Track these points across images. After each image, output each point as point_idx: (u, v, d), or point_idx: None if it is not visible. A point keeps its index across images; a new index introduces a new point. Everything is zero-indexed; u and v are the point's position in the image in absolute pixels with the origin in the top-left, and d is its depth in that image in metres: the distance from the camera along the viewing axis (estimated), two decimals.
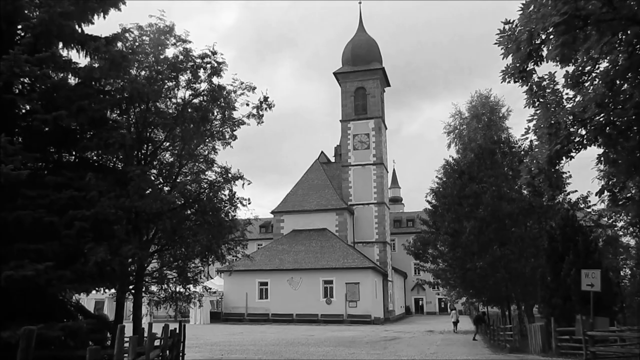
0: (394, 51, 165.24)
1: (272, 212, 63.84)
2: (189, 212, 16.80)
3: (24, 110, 11.88)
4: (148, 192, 13.78)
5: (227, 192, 16.92)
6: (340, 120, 66.47)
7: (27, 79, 11.47)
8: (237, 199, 16.96)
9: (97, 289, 13.43)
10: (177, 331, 16.76)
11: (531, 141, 10.34)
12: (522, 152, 29.18)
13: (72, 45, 12.58)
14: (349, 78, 66.98)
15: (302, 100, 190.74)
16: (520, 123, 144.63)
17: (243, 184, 17.02)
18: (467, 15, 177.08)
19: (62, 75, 12.08)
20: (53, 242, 10.47)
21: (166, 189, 16.20)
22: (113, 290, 15.32)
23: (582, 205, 27.37)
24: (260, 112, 17.22)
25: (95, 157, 13.49)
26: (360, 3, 72.12)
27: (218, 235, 16.29)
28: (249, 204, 16.99)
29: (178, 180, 16.37)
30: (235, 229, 17.52)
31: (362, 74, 66.60)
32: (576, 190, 27.89)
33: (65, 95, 11.42)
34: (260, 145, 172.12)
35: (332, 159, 73.01)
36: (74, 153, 12.76)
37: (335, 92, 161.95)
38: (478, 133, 38.46)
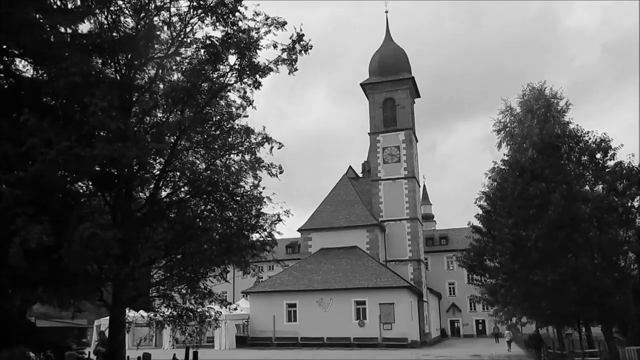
0: (425, 66, 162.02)
1: (299, 230, 60.28)
2: (202, 207, 13.11)
3: None
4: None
5: (250, 178, 13.07)
6: (368, 133, 63.27)
7: None
8: (263, 165, 12.94)
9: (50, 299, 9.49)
10: None
11: None
12: (594, 146, 25.12)
13: None
14: (376, 89, 63.93)
15: (327, 118, 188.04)
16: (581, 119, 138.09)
17: (271, 148, 12.76)
18: (503, 25, 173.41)
19: None
20: None
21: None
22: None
23: None
24: (293, 56, 12.97)
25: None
26: (386, 12, 69.76)
27: (239, 232, 12.39)
28: (281, 172, 12.96)
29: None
30: (260, 228, 13.71)
31: (391, 84, 63.69)
32: None
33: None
34: (285, 167, 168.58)
35: (360, 175, 69.39)
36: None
37: (362, 108, 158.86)
38: (533, 129, 34.53)
